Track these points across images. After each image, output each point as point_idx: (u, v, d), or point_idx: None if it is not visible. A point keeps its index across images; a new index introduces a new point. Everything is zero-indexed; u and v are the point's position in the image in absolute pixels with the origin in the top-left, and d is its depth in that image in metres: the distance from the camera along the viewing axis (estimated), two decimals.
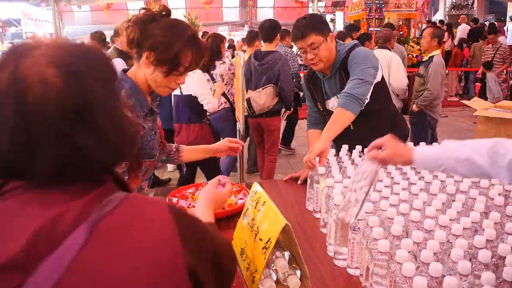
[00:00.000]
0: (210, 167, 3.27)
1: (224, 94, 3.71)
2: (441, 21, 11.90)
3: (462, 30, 10.88)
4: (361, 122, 1.96)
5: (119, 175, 0.75)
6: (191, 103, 3.17)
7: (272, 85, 3.66)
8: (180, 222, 0.68)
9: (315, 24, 1.94)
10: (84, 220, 0.60)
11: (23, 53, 0.62)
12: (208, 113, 3.34)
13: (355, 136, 1.97)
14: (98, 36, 4.96)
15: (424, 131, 3.99)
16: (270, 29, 3.69)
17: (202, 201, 1.22)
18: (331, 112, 1.97)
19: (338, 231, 1.28)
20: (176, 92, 3.17)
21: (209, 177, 3.25)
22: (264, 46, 3.79)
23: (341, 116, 1.85)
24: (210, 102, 3.16)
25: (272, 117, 3.82)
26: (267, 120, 3.82)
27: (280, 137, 4.66)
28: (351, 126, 1.93)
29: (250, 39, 4.29)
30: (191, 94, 3.15)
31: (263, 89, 3.67)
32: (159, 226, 0.65)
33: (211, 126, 3.39)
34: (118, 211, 0.64)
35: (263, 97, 3.65)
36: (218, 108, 3.58)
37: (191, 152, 1.93)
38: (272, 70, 3.64)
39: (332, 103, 2.10)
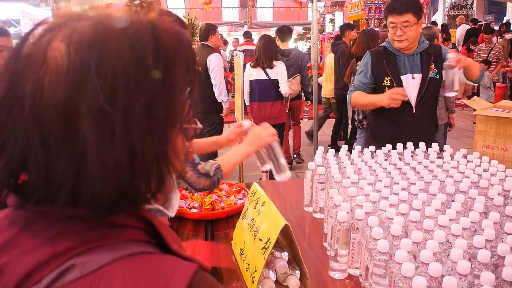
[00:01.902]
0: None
1: None
2: (433, 22, 11.75)
3: (461, 31, 10.80)
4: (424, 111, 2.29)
5: (150, 217, 0.51)
6: (277, 86, 4.09)
7: (298, 74, 4.60)
8: None
9: (414, 5, 2.17)
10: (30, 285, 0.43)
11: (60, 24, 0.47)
12: None
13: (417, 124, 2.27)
14: None
15: None
16: (288, 33, 4.81)
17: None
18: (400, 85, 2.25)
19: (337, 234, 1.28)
20: (261, 77, 4.05)
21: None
22: (281, 45, 4.68)
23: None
24: (287, 89, 4.12)
25: (299, 100, 4.89)
26: (296, 102, 4.83)
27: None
28: (414, 110, 2.26)
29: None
30: (276, 79, 4.06)
31: (293, 78, 4.50)
32: None
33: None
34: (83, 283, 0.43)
35: (295, 84, 4.51)
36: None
37: (202, 145, 1.82)
38: (297, 63, 4.61)
39: (405, 79, 2.27)
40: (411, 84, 2.26)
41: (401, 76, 2.27)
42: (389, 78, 2.27)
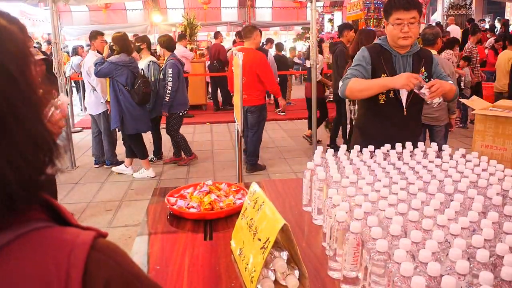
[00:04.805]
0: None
1: None
2: (438, 23, 11.78)
3: (450, 32, 10.72)
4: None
5: (47, 199, 0.57)
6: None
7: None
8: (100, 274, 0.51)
9: (418, 3, 2.22)
10: None
11: None
12: None
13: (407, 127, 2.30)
14: (94, 35, 5.07)
15: None
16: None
17: None
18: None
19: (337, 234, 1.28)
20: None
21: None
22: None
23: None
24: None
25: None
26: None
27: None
28: (405, 112, 2.26)
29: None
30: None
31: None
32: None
33: None
34: None
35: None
36: None
37: None
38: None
39: None
40: None
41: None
42: (385, 75, 2.25)
